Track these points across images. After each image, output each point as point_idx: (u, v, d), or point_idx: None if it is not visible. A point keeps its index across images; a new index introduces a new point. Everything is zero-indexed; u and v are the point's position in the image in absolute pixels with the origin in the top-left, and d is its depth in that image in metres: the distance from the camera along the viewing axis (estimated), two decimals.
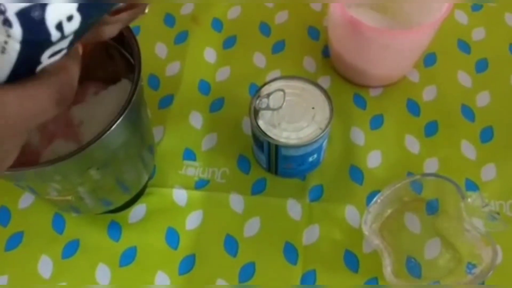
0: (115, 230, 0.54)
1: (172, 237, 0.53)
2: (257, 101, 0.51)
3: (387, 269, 0.48)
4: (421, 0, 0.56)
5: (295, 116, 0.51)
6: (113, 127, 0.39)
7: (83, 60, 0.47)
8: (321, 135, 0.50)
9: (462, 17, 0.66)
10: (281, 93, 0.51)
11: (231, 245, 0.53)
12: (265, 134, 0.50)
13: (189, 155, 0.58)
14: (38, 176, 0.41)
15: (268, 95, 0.51)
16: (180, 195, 0.55)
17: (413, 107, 0.60)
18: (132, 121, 0.43)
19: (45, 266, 0.52)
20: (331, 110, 0.51)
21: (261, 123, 0.51)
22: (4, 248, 0.53)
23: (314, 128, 0.50)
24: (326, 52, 0.64)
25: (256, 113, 0.51)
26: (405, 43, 0.54)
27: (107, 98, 0.49)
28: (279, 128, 0.50)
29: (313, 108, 0.51)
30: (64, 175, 0.41)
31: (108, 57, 0.48)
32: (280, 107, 0.50)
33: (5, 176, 0.42)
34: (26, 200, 0.56)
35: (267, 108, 0.51)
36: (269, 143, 0.51)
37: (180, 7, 0.67)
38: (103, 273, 0.52)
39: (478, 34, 0.64)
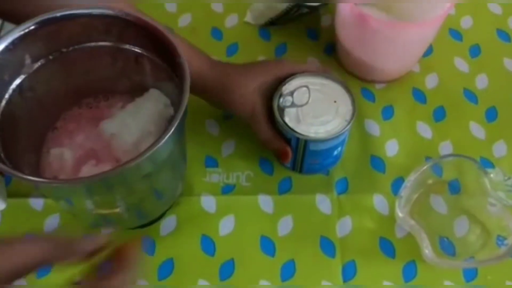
0: (148, 244, 0.53)
1: (207, 244, 0.53)
2: (281, 100, 0.52)
3: (428, 249, 0.50)
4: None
5: (319, 111, 0.52)
6: (166, 138, 0.38)
7: (108, 74, 0.47)
8: (347, 127, 0.51)
9: None
10: (304, 89, 0.52)
11: (268, 245, 0.53)
12: (294, 130, 0.51)
13: (211, 162, 0.58)
14: (86, 189, 0.40)
15: (292, 93, 0.52)
16: (208, 202, 0.55)
17: (419, 95, 0.62)
18: (179, 133, 0.42)
19: None
20: (353, 102, 0.52)
21: (287, 120, 0.51)
22: (35, 276, 0.51)
23: (339, 121, 0.51)
24: (328, 51, 0.65)
25: (281, 111, 0.52)
26: (413, 36, 0.56)
27: (136, 110, 0.48)
28: (305, 123, 0.51)
29: (335, 101, 0.52)
30: (117, 187, 0.40)
31: (136, 67, 0.47)
32: (306, 103, 0.51)
33: (54, 191, 0.41)
34: (50, 224, 0.54)
35: (292, 105, 0.51)
36: (298, 139, 0.51)
37: (177, 20, 0.68)
38: None
39: (466, 22, 0.68)
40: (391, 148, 0.59)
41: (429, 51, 0.65)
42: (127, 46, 0.46)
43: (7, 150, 0.42)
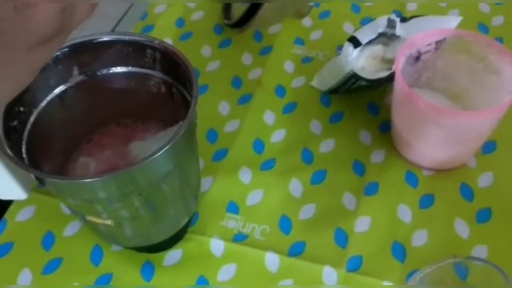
0: (148, 270, 0.54)
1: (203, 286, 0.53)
2: None
3: None
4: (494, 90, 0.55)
5: None
6: (159, 153, 0.40)
7: (148, 100, 0.50)
8: None
9: None
10: None
11: None
12: None
13: (233, 208, 0.58)
14: (82, 190, 0.43)
15: None
16: (217, 246, 0.55)
17: (467, 192, 0.58)
18: (179, 154, 0.44)
19: None
20: None
21: None
22: (41, 271, 0.55)
23: None
24: (383, 128, 0.64)
25: None
26: (465, 125, 0.53)
27: (164, 138, 0.51)
28: None
29: None
30: (107, 194, 0.42)
31: (171, 97, 0.50)
32: None
33: (54, 187, 0.44)
34: (71, 228, 0.58)
35: None
36: None
37: (248, 72, 0.71)
38: None
39: None
40: (418, 238, 0.55)
41: (491, 148, 0.61)
42: (165, 77, 0.50)
43: (35, 148, 0.46)
